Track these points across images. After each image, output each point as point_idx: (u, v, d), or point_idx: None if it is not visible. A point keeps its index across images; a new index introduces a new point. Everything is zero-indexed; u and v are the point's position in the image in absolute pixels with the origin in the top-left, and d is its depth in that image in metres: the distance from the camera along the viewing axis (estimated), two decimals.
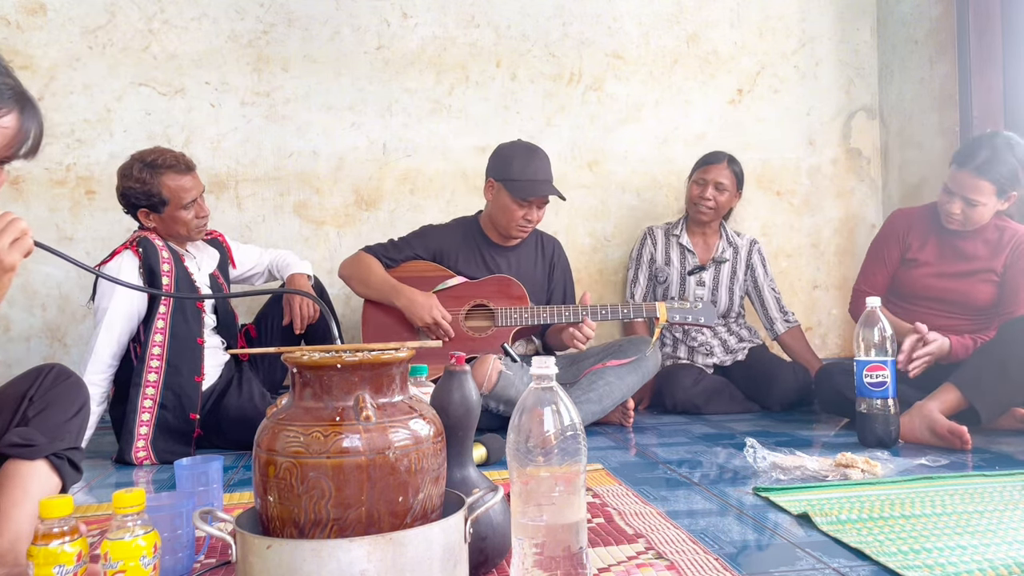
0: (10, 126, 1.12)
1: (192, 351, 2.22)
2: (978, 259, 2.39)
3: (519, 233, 2.56)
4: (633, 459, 2.02)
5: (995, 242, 2.39)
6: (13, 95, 1.13)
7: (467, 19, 3.16)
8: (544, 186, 2.49)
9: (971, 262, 2.40)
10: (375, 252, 2.59)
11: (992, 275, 2.38)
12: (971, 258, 2.40)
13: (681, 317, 2.53)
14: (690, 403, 2.71)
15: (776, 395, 2.71)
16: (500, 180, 2.50)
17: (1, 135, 1.11)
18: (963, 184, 2.29)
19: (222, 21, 3.01)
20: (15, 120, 1.13)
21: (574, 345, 2.49)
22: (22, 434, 1.25)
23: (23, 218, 1.15)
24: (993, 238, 2.39)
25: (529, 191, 2.47)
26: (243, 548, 0.92)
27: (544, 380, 0.99)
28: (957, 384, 2.08)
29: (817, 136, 3.40)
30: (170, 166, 2.21)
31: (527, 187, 2.47)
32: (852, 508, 1.46)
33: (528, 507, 0.97)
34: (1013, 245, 2.37)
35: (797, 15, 3.38)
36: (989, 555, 1.19)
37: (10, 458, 1.25)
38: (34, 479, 1.23)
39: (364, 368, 0.95)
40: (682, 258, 2.98)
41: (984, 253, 2.39)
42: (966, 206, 2.30)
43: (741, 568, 1.18)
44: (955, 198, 2.32)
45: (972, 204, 2.29)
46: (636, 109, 3.28)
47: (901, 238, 2.52)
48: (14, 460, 1.24)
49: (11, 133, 1.13)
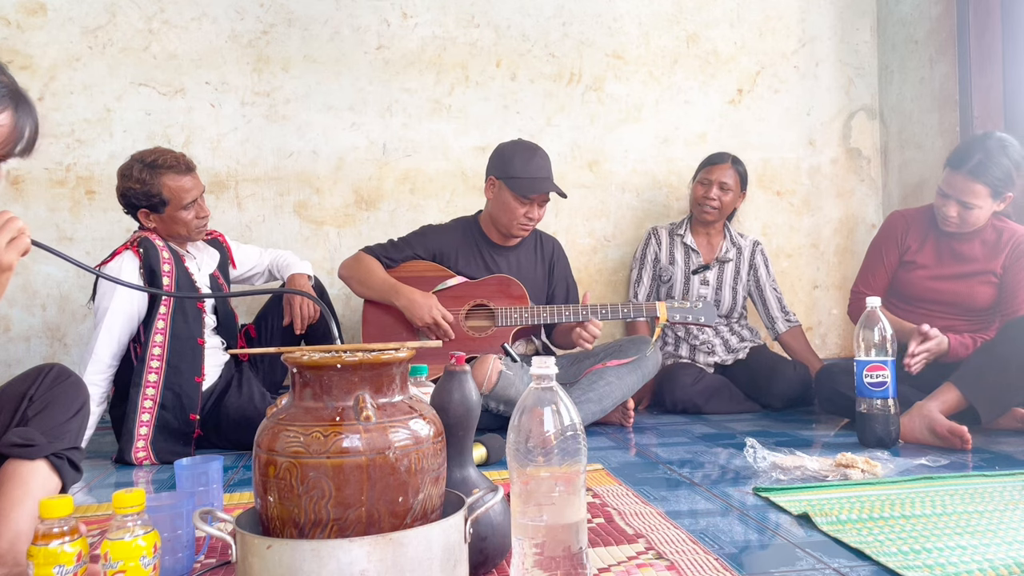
0: (4, 124, 1.13)
1: (192, 351, 2.22)
2: (976, 260, 2.39)
3: (520, 232, 2.56)
4: (633, 459, 2.02)
5: (993, 243, 2.38)
6: (7, 93, 1.13)
7: (467, 19, 3.16)
8: (546, 183, 2.49)
9: (969, 263, 2.40)
10: (375, 252, 2.59)
11: (991, 276, 2.38)
12: (969, 259, 2.40)
13: (681, 317, 2.53)
14: (690, 402, 2.71)
15: (776, 392, 2.72)
16: (501, 178, 2.50)
17: None
18: (958, 187, 2.28)
19: (222, 21, 3.01)
20: (9, 118, 1.13)
21: (581, 345, 2.49)
22: (22, 434, 1.25)
23: (20, 217, 1.14)
24: (991, 239, 2.39)
25: (531, 188, 2.47)
26: (243, 548, 0.92)
27: (544, 380, 0.99)
28: (957, 384, 2.08)
29: (817, 136, 3.40)
30: (170, 166, 2.21)
31: (529, 184, 2.47)
32: (852, 508, 1.46)
33: (528, 507, 0.97)
34: (1012, 246, 2.36)
35: (797, 15, 3.38)
36: (989, 555, 1.19)
37: (10, 458, 1.25)
38: (34, 479, 1.23)
39: (364, 368, 0.95)
40: (686, 258, 2.98)
41: (982, 254, 2.39)
42: (962, 209, 2.30)
43: (741, 568, 1.18)
44: (950, 201, 2.31)
45: (968, 207, 2.28)
46: (636, 109, 3.28)
47: (899, 240, 2.51)
48: (14, 460, 1.24)
49: (6, 131, 1.13)
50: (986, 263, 2.38)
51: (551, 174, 2.52)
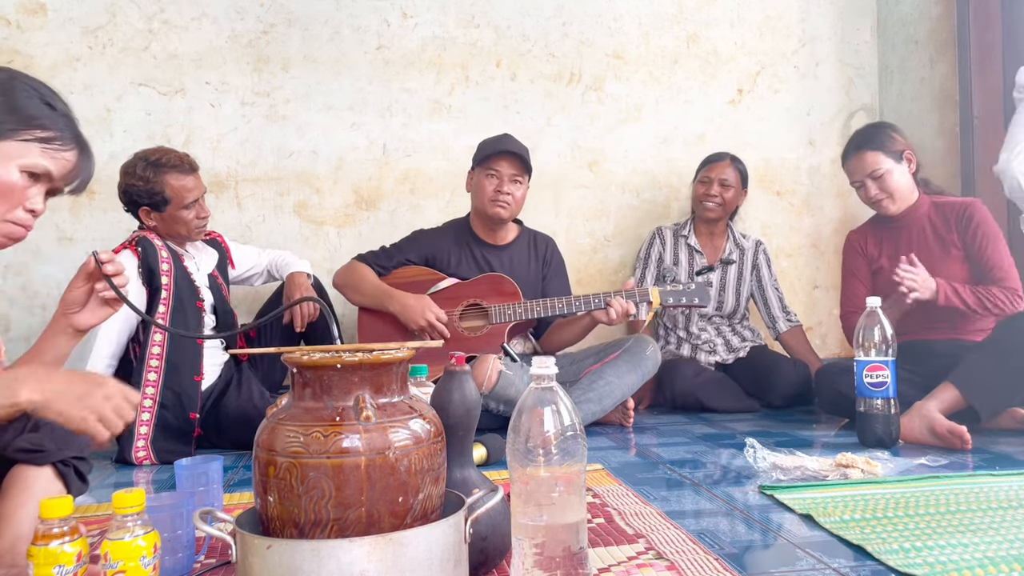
0: (71, 160, 1.24)
1: (191, 350, 2.22)
2: (935, 241, 2.45)
3: (497, 211, 2.55)
4: (633, 459, 2.02)
5: (941, 221, 2.45)
6: (73, 136, 1.25)
7: (467, 19, 3.16)
8: (502, 143, 2.53)
9: (931, 247, 2.45)
10: (367, 260, 2.60)
11: (954, 250, 2.42)
12: (928, 242, 2.46)
13: (675, 300, 2.51)
14: (690, 395, 2.71)
15: (776, 389, 2.72)
16: (473, 166, 2.59)
17: (61, 165, 1.23)
18: (857, 168, 2.45)
19: (222, 21, 3.01)
20: (75, 157, 1.25)
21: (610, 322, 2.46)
22: (32, 440, 1.25)
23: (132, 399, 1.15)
24: (938, 219, 2.46)
25: (491, 148, 2.52)
26: (243, 548, 0.92)
27: (544, 380, 0.99)
28: (956, 384, 2.08)
29: (817, 136, 3.40)
30: (174, 166, 2.23)
31: (489, 147, 2.53)
32: (856, 508, 1.46)
33: (528, 507, 0.97)
34: (956, 216, 2.43)
35: (797, 15, 3.38)
36: (991, 553, 1.19)
37: (16, 463, 1.25)
38: (38, 483, 1.23)
39: (364, 368, 0.95)
40: (690, 258, 2.99)
41: (936, 233, 2.45)
42: (875, 183, 2.42)
43: (742, 568, 1.18)
44: (864, 183, 2.44)
45: (877, 176, 2.41)
46: (636, 109, 3.28)
47: (863, 252, 2.61)
48: (20, 465, 1.24)
49: (69, 167, 1.25)
50: (944, 239, 2.44)
51: (517, 146, 2.54)
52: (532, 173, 2.61)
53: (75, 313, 1.29)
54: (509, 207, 2.55)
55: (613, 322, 2.45)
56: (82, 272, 1.28)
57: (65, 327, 1.29)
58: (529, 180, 2.60)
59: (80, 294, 1.29)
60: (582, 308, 2.47)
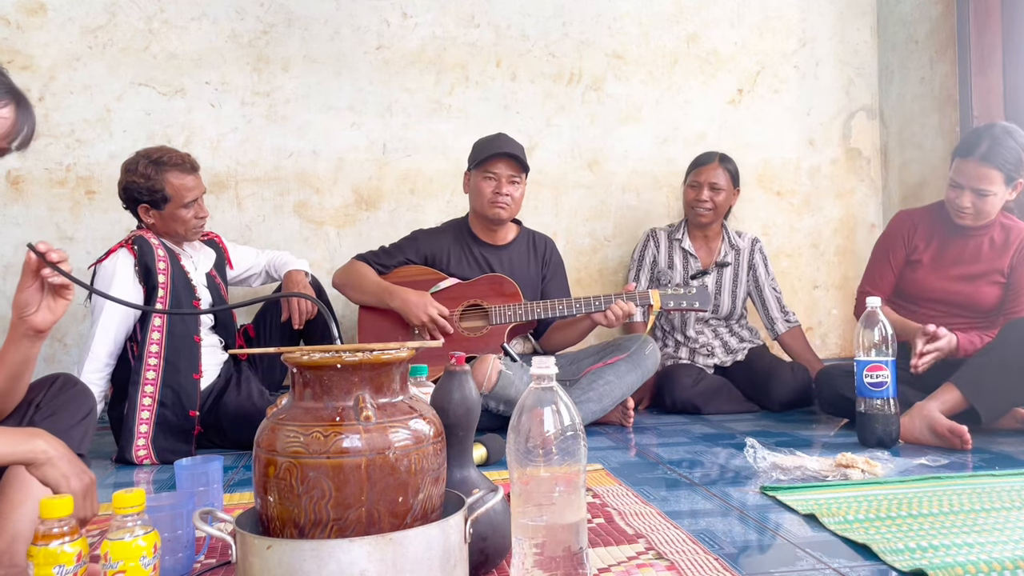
0: (8, 117, 1.20)
1: (190, 348, 2.23)
2: (983, 260, 2.37)
3: (496, 212, 2.55)
4: (633, 459, 2.02)
5: (1001, 242, 2.36)
6: (8, 90, 1.21)
7: (467, 19, 3.16)
8: (500, 144, 2.52)
9: (977, 264, 2.37)
10: (367, 259, 2.60)
11: (998, 276, 2.36)
12: (977, 259, 2.38)
13: (675, 303, 2.50)
14: (690, 403, 2.70)
15: (775, 395, 2.71)
16: (470, 167, 2.58)
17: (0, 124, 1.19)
18: (970, 175, 2.24)
19: (222, 21, 3.00)
20: (12, 112, 1.21)
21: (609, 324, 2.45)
22: None
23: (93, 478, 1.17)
24: (1000, 239, 2.37)
25: (488, 150, 2.51)
26: (243, 548, 0.92)
27: (544, 380, 0.99)
28: (957, 384, 2.08)
29: (817, 136, 3.40)
30: (175, 164, 2.24)
31: (486, 148, 2.53)
32: (859, 508, 1.46)
33: (528, 507, 0.97)
34: (1019, 244, 2.34)
35: (797, 15, 3.38)
36: (996, 553, 1.19)
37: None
38: (35, 482, 1.23)
39: (364, 368, 0.95)
40: (684, 262, 2.97)
41: (989, 254, 2.37)
42: (976, 198, 2.26)
43: (741, 568, 1.18)
44: (964, 191, 2.27)
45: (982, 195, 2.25)
46: (636, 109, 3.28)
47: (907, 239, 2.48)
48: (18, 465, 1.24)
49: (8, 124, 1.21)
50: (993, 262, 2.36)
51: (513, 147, 2.54)
52: (529, 171, 2.61)
53: (31, 315, 1.24)
54: (509, 208, 2.55)
55: (612, 324, 2.45)
56: (26, 270, 1.22)
57: (25, 331, 1.24)
58: (526, 178, 2.60)
59: (31, 293, 1.24)
60: (582, 310, 2.47)
